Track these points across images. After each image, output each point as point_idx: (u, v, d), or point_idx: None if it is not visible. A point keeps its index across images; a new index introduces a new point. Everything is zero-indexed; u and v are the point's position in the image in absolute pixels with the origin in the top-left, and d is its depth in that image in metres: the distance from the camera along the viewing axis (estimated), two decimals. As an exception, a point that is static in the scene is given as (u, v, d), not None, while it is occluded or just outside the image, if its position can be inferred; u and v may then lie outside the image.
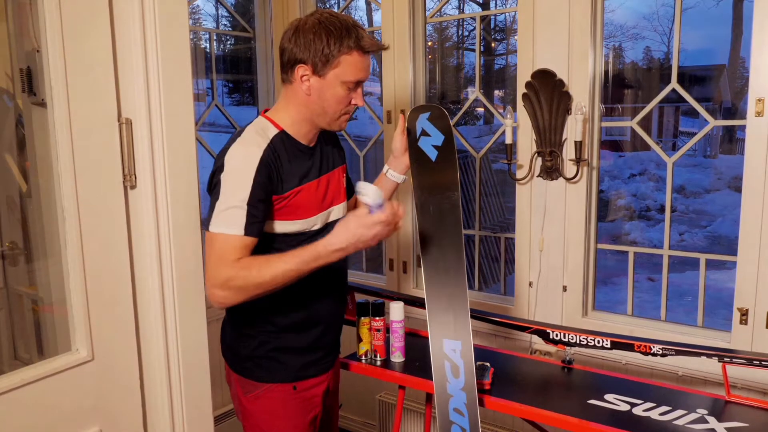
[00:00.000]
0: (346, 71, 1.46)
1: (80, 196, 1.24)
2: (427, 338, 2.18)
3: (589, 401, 1.70)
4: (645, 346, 1.76)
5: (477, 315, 2.05)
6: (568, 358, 1.92)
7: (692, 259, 2.46)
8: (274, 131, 1.49)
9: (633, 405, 1.67)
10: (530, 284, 2.54)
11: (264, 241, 1.44)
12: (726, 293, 2.58)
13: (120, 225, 1.33)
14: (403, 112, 1.75)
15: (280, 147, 1.48)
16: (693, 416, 1.61)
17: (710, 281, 2.39)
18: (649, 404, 1.67)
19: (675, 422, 1.58)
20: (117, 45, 1.30)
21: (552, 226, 2.44)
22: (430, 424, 2.25)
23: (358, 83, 1.50)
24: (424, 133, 1.71)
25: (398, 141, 1.74)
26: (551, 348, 2.38)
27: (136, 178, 1.34)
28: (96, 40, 1.26)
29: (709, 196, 7.73)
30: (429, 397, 2.23)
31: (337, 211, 1.63)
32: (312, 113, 1.51)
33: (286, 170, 1.48)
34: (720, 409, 1.65)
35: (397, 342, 1.96)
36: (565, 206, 2.40)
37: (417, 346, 2.13)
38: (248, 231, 1.38)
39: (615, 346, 1.81)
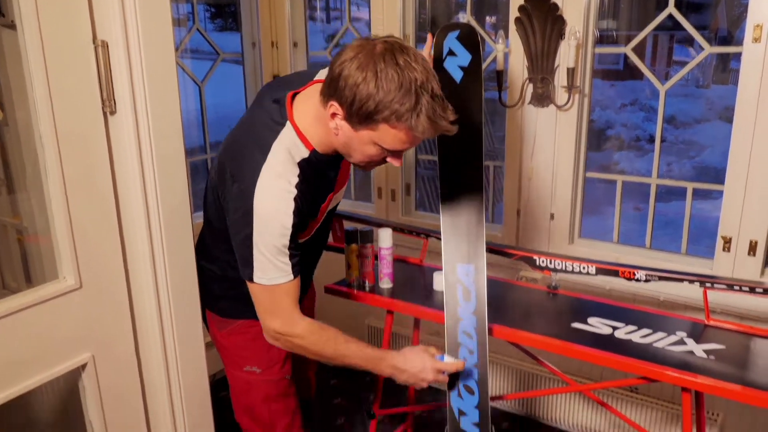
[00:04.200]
0: (384, 139, 1.26)
1: (58, 122, 1.21)
2: (415, 265, 2.21)
3: (572, 325, 1.74)
4: (629, 272, 1.79)
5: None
6: (553, 284, 1.96)
7: (679, 189, 2.46)
8: (304, 152, 1.34)
9: (615, 328, 1.71)
10: (518, 212, 2.55)
11: None
12: (710, 223, 2.60)
13: (101, 152, 1.30)
14: (431, 31, 1.67)
15: (310, 174, 1.35)
16: (673, 338, 1.65)
17: (696, 210, 2.40)
18: (631, 327, 1.71)
19: (655, 344, 1.63)
20: (88, -39, 1.24)
21: (541, 154, 2.43)
22: (417, 349, 2.30)
23: (398, 152, 1.32)
24: (450, 53, 1.63)
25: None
26: (537, 275, 2.42)
27: (115, 103, 1.31)
28: (66, -45, 1.20)
29: (699, 127, 7.71)
30: (416, 323, 2.27)
31: (337, 197, 1.59)
32: (338, 147, 1.35)
33: (313, 199, 1.41)
34: (699, 333, 1.70)
35: (386, 268, 1.98)
36: (555, 134, 2.38)
37: (405, 272, 2.16)
38: (295, 272, 1.37)
39: (600, 272, 1.83)
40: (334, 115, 1.26)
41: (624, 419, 1.78)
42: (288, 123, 1.34)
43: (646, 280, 1.77)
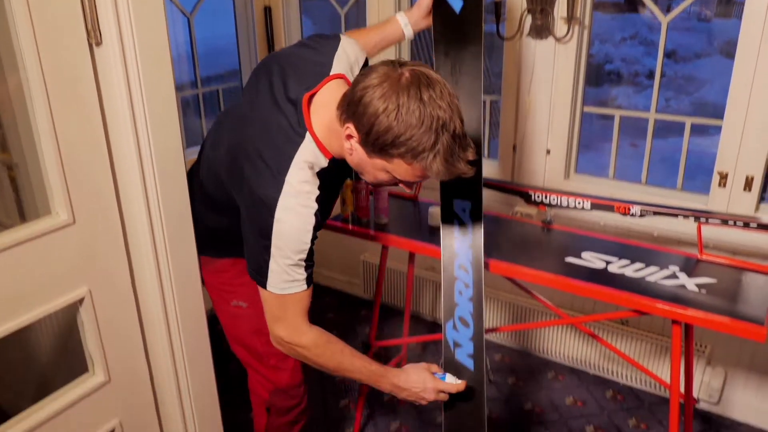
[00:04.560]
0: (397, 171, 1.22)
1: (42, 54, 1.17)
2: (409, 200, 2.21)
3: (566, 259, 1.75)
4: (624, 207, 1.79)
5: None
6: (548, 219, 1.96)
7: (676, 126, 2.44)
8: (324, 163, 1.32)
9: (608, 262, 1.73)
10: (514, 148, 2.53)
11: None
12: (707, 160, 2.59)
13: (88, 85, 1.27)
14: None
15: (328, 181, 1.33)
16: (665, 272, 1.67)
17: (692, 146, 2.39)
18: (624, 261, 1.73)
19: (648, 278, 1.65)
20: None
21: (539, 87, 2.39)
22: (412, 282, 2.33)
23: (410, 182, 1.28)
24: None
25: None
26: (532, 210, 2.42)
27: (100, 34, 1.26)
28: None
29: (699, 62, 7.59)
30: (411, 258, 2.29)
31: None
32: (350, 164, 1.31)
33: (329, 203, 1.39)
34: (691, 267, 1.72)
35: (380, 203, 1.97)
36: (554, 68, 2.34)
37: (400, 207, 2.16)
38: (309, 282, 1.35)
39: (595, 207, 1.83)
40: (349, 137, 1.22)
41: (615, 351, 1.82)
42: (307, 133, 1.30)
43: (641, 215, 1.77)
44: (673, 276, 1.65)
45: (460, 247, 1.65)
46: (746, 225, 1.67)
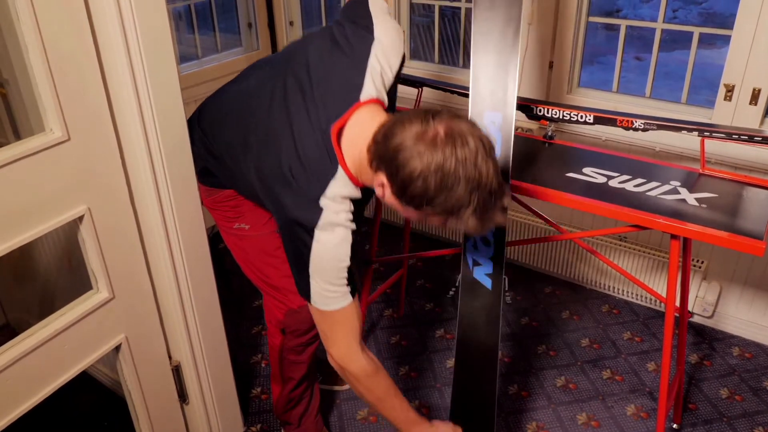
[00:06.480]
0: (429, 220, 1.20)
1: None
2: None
3: (567, 174, 1.74)
4: (627, 121, 1.76)
5: (462, 91, 2.01)
6: (549, 134, 1.93)
7: (682, 38, 2.36)
8: (356, 193, 1.30)
9: (609, 177, 1.72)
10: (516, 61, 2.46)
11: None
12: (712, 73, 2.53)
13: (76, -5, 1.21)
14: None
15: (358, 203, 1.32)
16: (666, 188, 1.66)
17: (699, 58, 2.33)
18: (625, 177, 1.72)
19: (648, 193, 1.64)
20: None
21: (543, -3, 2.30)
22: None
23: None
24: None
25: None
26: (533, 125, 2.39)
27: (84, -62, 1.20)
28: None
29: (709, -31, 7.31)
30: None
31: None
32: (381, 200, 1.28)
33: (361, 216, 1.37)
34: (693, 181, 1.71)
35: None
36: (559, -25, 2.24)
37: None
38: (353, 293, 1.33)
39: (597, 121, 1.80)
40: (382, 185, 1.19)
41: (612, 266, 1.84)
42: (340, 168, 1.27)
43: (644, 129, 1.74)
44: (674, 191, 1.65)
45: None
46: (750, 138, 1.65)
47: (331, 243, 1.27)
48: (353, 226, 1.29)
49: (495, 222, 1.19)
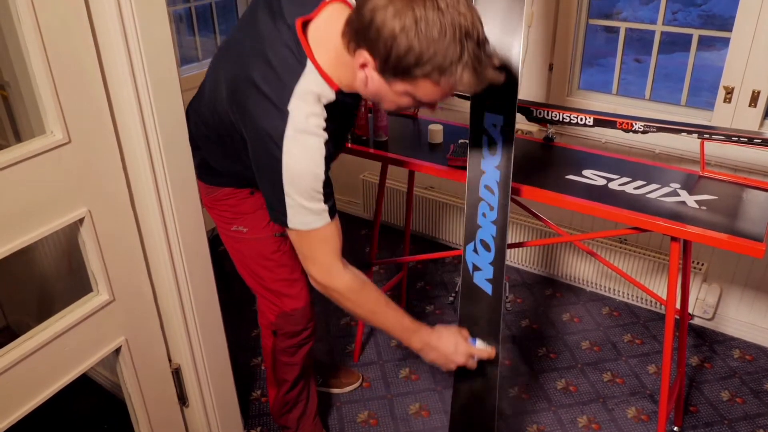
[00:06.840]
0: (421, 93, 1.13)
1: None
2: (409, 118, 2.17)
3: (567, 176, 1.74)
4: (627, 123, 1.76)
5: (462, 92, 2.01)
6: (549, 136, 1.94)
7: (682, 40, 2.36)
8: (330, 95, 1.23)
9: (609, 180, 1.72)
10: (516, 64, 2.47)
11: None
12: (712, 75, 2.53)
13: (76, -3, 1.22)
14: None
15: (336, 114, 1.25)
16: (666, 190, 1.66)
17: (698, 61, 2.33)
18: (625, 179, 1.72)
19: (648, 195, 1.64)
20: None
21: None
22: (412, 201, 2.33)
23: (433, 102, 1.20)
24: None
25: None
26: (533, 127, 2.40)
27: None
28: None
29: (708, -28, 7.32)
30: (411, 176, 2.28)
31: None
32: (365, 96, 1.24)
33: (340, 136, 1.32)
34: (692, 184, 1.71)
35: (380, 121, 1.94)
36: (559, -22, 2.24)
37: (399, 125, 2.13)
38: (332, 214, 1.29)
39: (597, 123, 1.80)
40: (364, 65, 1.13)
41: (613, 268, 1.84)
42: (309, 63, 1.21)
43: (644, 132, 1.75)
44: (674, 193, 1.65)
45: (486, 165, 1.58)
46: (750, 140, 1.65)
47: (302, 154, 1.21)
48: (326, 135, 1.22)
49: (491, 76, 1.14)
